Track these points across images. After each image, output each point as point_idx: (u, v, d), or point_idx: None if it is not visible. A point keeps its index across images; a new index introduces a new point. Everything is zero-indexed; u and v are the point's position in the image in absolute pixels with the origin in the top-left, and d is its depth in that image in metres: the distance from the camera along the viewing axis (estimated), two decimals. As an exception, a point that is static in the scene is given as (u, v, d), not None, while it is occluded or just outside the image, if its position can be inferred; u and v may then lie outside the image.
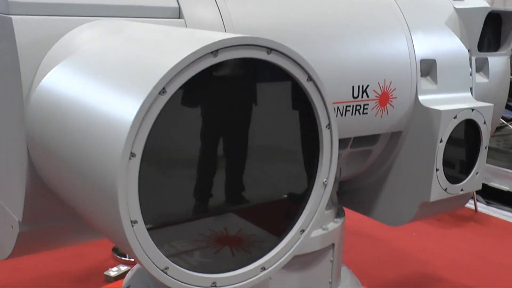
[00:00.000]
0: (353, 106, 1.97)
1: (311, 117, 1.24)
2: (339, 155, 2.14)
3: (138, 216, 1.02)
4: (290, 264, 2.09)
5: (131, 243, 1.02)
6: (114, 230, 1.04)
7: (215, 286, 1.18)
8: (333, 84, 1.89)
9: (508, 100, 3.64)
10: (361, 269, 3.54)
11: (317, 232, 2.15)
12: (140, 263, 1.07)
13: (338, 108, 1.93)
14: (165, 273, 1.10)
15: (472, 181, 2.30)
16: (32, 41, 1.34)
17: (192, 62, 1.01)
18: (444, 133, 2.12)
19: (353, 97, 1.96)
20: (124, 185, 0.98)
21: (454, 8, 2.40)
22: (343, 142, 2.10)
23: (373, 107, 2.04)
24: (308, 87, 1.21)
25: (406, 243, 4.11)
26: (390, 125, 2.13)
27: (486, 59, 2.47)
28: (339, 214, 2.35)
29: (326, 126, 1.26)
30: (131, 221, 1.01)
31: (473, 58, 2.39)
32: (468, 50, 2.37)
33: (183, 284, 1.13)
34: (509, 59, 2.57)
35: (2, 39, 1.37)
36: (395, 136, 2.23)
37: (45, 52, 1.36)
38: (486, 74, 2.48)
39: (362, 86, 1.98)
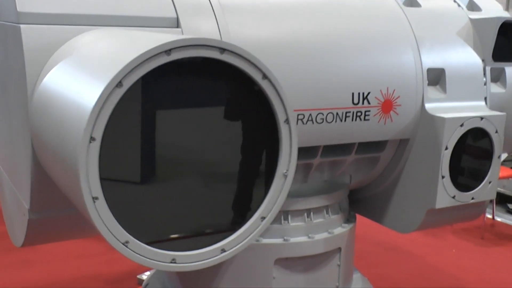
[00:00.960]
0: (353, 112, 2.03)
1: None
2: (345, 161, 2.22)
3: (99, 193, 1.15)
4: (295, 265, 2.19)
5: (93, 218, 1.15)
6: (81, 206, 1.17)
7: (175, 262, 1.28)
8: (332, 91, 1.97)
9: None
10: (395, 283, 3.54)
11: (322, 236, 2.21)
12: (102, 236, 1.19)
13: (337, 113, 2.00)
14: (126, 246, 1.22)
15: (484, 190, 2.30)
16: (37, 47, 1.51)
17: (146, 59, 1.14)
18: (450, 141, 2.14)
19: (353, 103, 2.02)
20: (84, 165, 1.12)
21: (469, 18, 2.42)
22: (347, 148, 2.16)
23: (376, 114, 2.09)
24: (264, 84, 1.30)
25: (444, 259, 4.05)
26: (395, 132, 2.17)
27: (503, 69, 2.46)
28: (349, 220, 2.40)
29: (285, 121, 1.35)
30: (93, 198, 1.14)
31: (488, 68, 2.39)
32: (482, 60, 2.38)
33: (143, 258, 1.24)
34: (528, 70, 2.55)
35: (12, 45, 1.55)
36: (403, 144, 2.27)
37: (49, 56, 1.52)
38: (503, 84, 2.47)
39: (363, 93, 2.04)
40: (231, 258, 2.13)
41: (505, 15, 2.55)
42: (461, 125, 2.16)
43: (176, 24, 1.74)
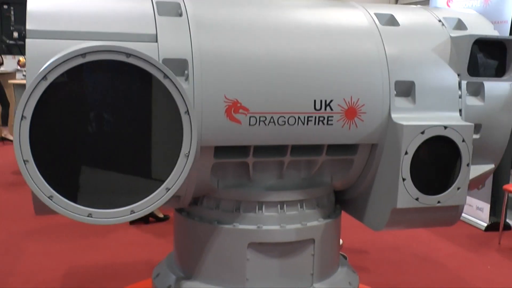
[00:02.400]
0: (315, 116, 2.32)
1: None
2: (317, 161, 2.50)
3: (29, 157, 1.59)
4: (268, 250, 2.50)
5: (24, 176, 1.59)
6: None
7: (91, 216, 1.68)
8: (294, 97, 2.27)
9: None
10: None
11: (294, 226, 2.50)
12: (32, 191, 1.62)
13: (299, 117, 2.30)
14: (51, 200, 1.64)
15: (452, 195, 2.46)
16: (37, 56, 1.98)
17: (65, 61, 1.56)
18: (410, 146, 2.35)
19: (315, 109, 2.31)
20: (17, 136, 1.56)
21: (450, 36, 2.61)
22: (317, 149, 2.44)
23: (339, 119, 2.36)
24: (166, 83, 1.66)
25: (476, 274, 4.08)
26: (361, 137, 2.42)
27: (482, 84, 2.61)
28: (330, 216, 2.66)
29: (185, 112, 1.70)
30: (24, 160, 1.59)
31: (464, 82, 2.56)
32: (459, 75, 2.56)
33: (65, 210, 1.65)
34: (511, 85, 2.67)
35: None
36: (374, 148, 2.51)
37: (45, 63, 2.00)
38: (482, 97, 2.61)
39: (325, 101, 2.32)
40: (212, 241, 2.51)
41: (488, 33, 2.69)
42: (422, 133, 2.36)
43: (155, 39, 2.15)
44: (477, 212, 5.24)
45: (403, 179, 2.37)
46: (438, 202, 2.45)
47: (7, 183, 6.38)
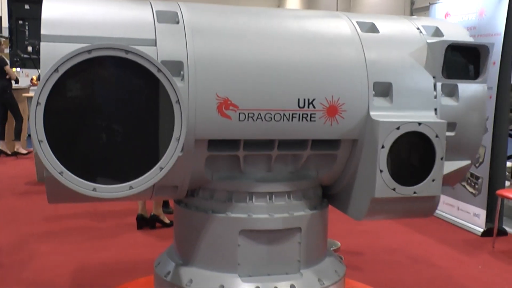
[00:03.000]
0: (299, 114, 2.56)
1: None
2: (302, 155, 2.73)
3: (43, 138, 1.85)
4: (258, 237, 2.73)
5: (39, 154, 1.85)
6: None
7: (95, 191, 1.93)
8: (279, 95, 2.52)
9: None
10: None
11: (281, 215, 2.73)
12: (46, 168, 1.88)
13: (284, 114, 2.54)
14: (61, 175, 1.90)
15: (428, 187, 2.68)
16: (50, 56, 2.25)
17: (74, 56, 1.83)
18: (386, 141, 2.57)
19: (299, 106, 2.55)
20: (33, 120, 1.82)
21: (427, 42, 2.85)
22: (302, 144, 2.67)
23: (321, 116, 2.59)
24: (159, 76, 1.92)
25: (467, 274, 4.25)
26: (342, 133, 2.65)
27: (456, 85, 2.83)
28: (316, 208, 2.88)
29: (176, 102, 1.95)
30: (39, 140, 1.85)
31: (439, 84, 2.79)
32: (434, 77, 2.79)
33: (73, 184, 1.90)
34: (485, 87, 2.89)
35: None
36: (355, 144, 2.73)
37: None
38: (457, 98, 2.84)
39: (308, 99, 2.56)
40: (206, 229, 2.74)
41: (463, 39, 2.93)
42: (398, 128, 2.59)
43: (155, 43, 2.41)
44: (474, 218, 5.41)
45: (381, 171, 2.59)
46: (414, 192, 2.67)
47: (19, 192, 6.68)
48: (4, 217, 5.32)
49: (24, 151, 9.08)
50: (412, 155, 2.72)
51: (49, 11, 2.40)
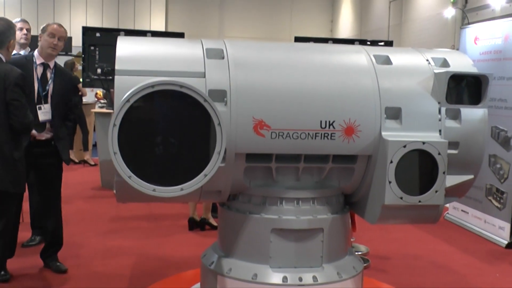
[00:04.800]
0: (321, 133, 3.10)
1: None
2: (325, 168, 3.26)
3: (117, 150, 2.48)
4: (288, 235, 3.26)
5: (114, 162, 2.48)
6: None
7: (155, 191, 2.56)
8: (305, 118, 3.06)
9: None
10: None
11: (307, 217, 3.26)
12: (118, 173, 2.52)
13: (309, 133, 3.08)
14: (130, 178, 2.52)
15: (431, 197, 3.15)
16: (123, 87, 2.88)
17: (141, 90, 2.46)
18: (394, 156, 3.07)
19: (321, 127, 3.09)
20: (111, 137, 2.47)
21: (434, 72, 3.33)
22: (324, 158, 3.21)
23: (340, 136, 3.12)
24: (205, 104, 2.53)
25: (484, 280, 4.63)
26: (358, 149, 3.16)
27: (459, 110, 3.30)
28: (337, 212, 3.40)
29: (218, 124, 2.55)
30: (114, 152, 2.47)
31: (443, 109, 3.26)
32: (439, 102, 3.27)
33: (138, 186, 2.53)
34: (486, 111, 3.34)
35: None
36: (370, 159, 3.24)
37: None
38: (460, 121, 3.30)
39: (329, 121, 3.10)
40: (244, 227, 3.29)
41: (466, 70, 3.38)
42: (404, 146, 3.08)
43: (204, 76, 3.01)
44: (499, 231, 5.76)
45: (389, 182, 3.09)
46: (419, 201, 3.15)
47: (86, 196, 7.47)
48: (74, 217, 6.06)
49: (92, 162, 9.93)
50: (419, 169, 3.19)
51: (121, 50, 3.04)
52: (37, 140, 4.32)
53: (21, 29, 5.37)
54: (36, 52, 4.41)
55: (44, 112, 4.29)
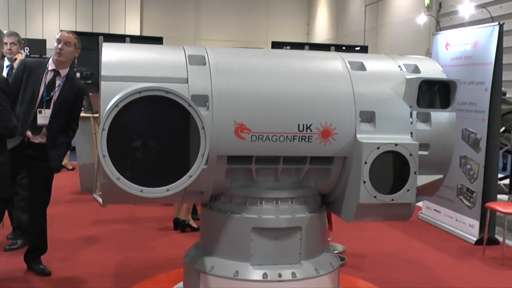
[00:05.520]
0: (299, 136, 3.25)
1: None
2: (303, 169, 3.41)
3: (106, 153, 2.60)
4: (267, 234, 3.41)
5: (103, 164, 2.59)
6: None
7: (142, 192, 2.68)
8: (284, 121, 3.21)
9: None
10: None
11: (286, 216, 3.41)
12: (107, 174, 2.63)
13: (287, 136, 3.23)
14: (118, 180, 2.64)
15: (403, 195, 3.33)
16: (108, 93, 2.99)
17: (129, 95, 2.59)
18: (368, 158, 3.24)
19: (299, 130, 3.25)
20: (99, 140, 2.57)
21: (406, 78, 3.51)
22: (302, 160, 3.36)
23: (317, 138, 3.28)
24: (190, 109, 2.67)
25: (453, 274, 4.84)
26: (334, 151, 3.33)
27: (429, 113, 3.49)
28: (315, 212, 3.55)
29: (201, 128, 2.69)
30: (103, 155, 2.59)
31: (414, 112, 3.45)
32: (410, 106, 3.45)
33: (126, 187, 2.65)
34: (454, 114, 3.54)
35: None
36: (345, 160, 3.41)
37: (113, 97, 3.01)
38: (430, 123, 3.49)
39: (307, 124, 3.25)
40: (226, 227, 3.42)
41: (436, 75, 3.57)
42: (378, 148, 3.25)
43: (187, 81, 3.14)
44: (469, 228, 5.99)
45: (364, 182, 3.26)
46: (392, 200, 3.32)
47: (66, 200, 7.51)
48: (56, 221, 6.11)
49: (70, 167, 9.93)
50: (391, 170, 3.37)
51: (107, 56, 3.15)
52: (30, 142, 4.39)
53: (5, 43, 5.39)
54: (51, 59, 4.53)
55: (43, 117, 4.36)
